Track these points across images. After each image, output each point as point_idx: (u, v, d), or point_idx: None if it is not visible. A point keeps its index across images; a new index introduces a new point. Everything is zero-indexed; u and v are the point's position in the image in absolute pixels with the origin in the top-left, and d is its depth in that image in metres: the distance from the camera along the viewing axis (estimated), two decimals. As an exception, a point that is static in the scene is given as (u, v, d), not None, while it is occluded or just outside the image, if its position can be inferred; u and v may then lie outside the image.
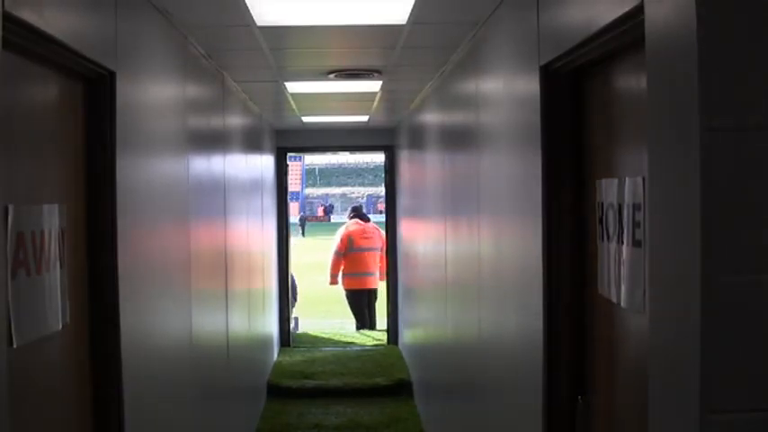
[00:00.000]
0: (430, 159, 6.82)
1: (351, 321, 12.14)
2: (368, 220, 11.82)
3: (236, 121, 6.32)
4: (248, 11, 3.70)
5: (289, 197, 11.27)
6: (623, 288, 2.27)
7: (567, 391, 2.79)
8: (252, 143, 7.52)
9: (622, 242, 2.27)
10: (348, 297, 11.61)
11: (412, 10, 3.75)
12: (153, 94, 3.52)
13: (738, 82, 1.57)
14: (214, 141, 5.18)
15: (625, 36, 2.13)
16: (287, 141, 10.37)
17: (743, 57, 1.57)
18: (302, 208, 62.61)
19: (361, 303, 11.53)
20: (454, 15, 3.93)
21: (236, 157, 6.28)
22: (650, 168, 1.83)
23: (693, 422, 1.59)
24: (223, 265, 5.38)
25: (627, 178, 2.25)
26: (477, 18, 3.91)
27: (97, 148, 2.76)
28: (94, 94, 2.75)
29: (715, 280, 1.57)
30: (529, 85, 3.01)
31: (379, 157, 14.09)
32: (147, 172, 3.33)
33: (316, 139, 10.55)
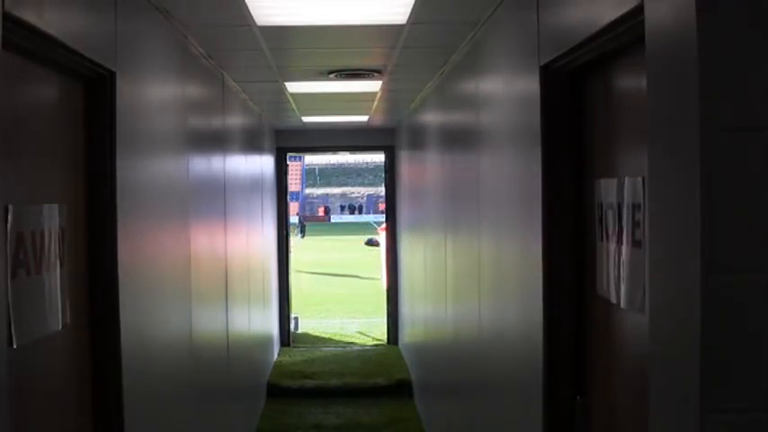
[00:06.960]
0: (430, 159, 6.82)
1: (351, 321, 12.14)
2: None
3: (236, 121, 6.32)
4: (248, 11, 3.70)
5: (289, 197, 11.28)
6: (623, 288, 2.27)
7: (567, 391, 2.80)
8: (252, 143, 7.52)
9: (622, 242, 2.27)
10: None
11: (412, 10, 3.75)
12: (153, 94, 3.52)
13: (738, 82, 1.57)
14: (214, 141, 5.17)
15: (625, 36, 2.13)
16: (287, 141, 10.37)
17: (743, 56, 1.57)
18: (302, 208, 62.66)
19: None
20: (454, 15, 3.93)
21: (235, 158, 6.28)
22: (650, 168, 1.83)
23: (693, 422, 1.59)
24: (223, 264, 5.38)
25: (627, 178, 2.25)
26: (477, 18, 3.91)
27: (97, 148, 2.76)
28: (94, 94, 2.75)
29: (715, 280, 1.57)
30: (529, 85, 3.01)
31: (379, 157, 14.19)
32: (147, 172, 3.33)
33: (316, 140, 10.55)
